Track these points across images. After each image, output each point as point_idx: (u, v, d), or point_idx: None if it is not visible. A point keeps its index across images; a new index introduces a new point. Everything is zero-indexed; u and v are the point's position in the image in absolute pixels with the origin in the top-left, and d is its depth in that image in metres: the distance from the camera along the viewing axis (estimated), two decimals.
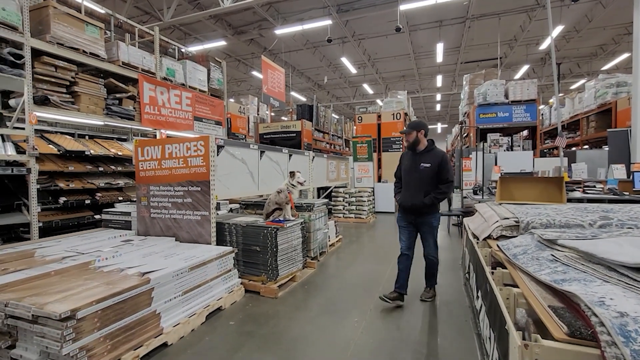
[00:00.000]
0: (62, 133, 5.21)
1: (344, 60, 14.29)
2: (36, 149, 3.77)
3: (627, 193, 4.53)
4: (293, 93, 18.38)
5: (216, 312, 2.97)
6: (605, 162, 6.20)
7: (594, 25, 11.71)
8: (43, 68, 3.84)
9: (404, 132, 3.31)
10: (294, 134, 9.63)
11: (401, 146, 11.69)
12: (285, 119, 16.50)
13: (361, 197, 8.20)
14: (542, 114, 11.63)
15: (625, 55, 13.67)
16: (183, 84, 5.86)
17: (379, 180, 10.96)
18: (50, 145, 4.32)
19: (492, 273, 2.00)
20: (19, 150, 3.72)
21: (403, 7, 9.43)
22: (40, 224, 3.83)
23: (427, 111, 29.24)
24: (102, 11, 5.43)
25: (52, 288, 2.11)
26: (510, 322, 1.37)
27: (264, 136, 10.08)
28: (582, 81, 16.16)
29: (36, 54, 3.78)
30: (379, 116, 12.16)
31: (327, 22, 10.34)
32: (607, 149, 6.58)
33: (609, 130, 6.58)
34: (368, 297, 3.39)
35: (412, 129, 3.21)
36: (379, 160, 11.81)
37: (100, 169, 4.70)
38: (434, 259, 3.28)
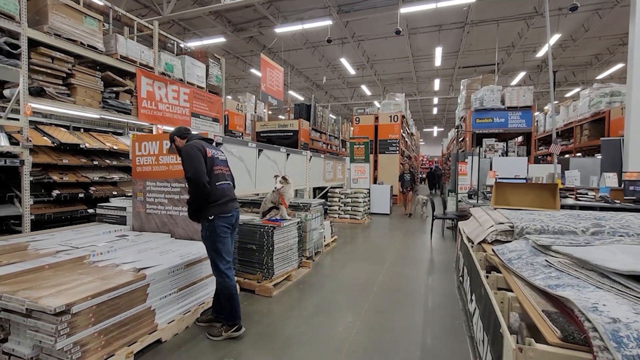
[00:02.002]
0: (56, 125, 5.14)
1: (343, 61, 14.32)
2: (30, 141, 3.72)
3: (618, 201, 4.62)
4: (291, 92, 18.36)
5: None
6: (597, 170, 6.30)
7: (590, 35, 11.90)
8: (39, 59, 3.79)
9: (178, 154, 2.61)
10: (291, 133, 9.62)
11: (397, 148, 11.77)
12: (283, 117, 16.48)
13: (357, 198, 8.22)
14: (537, 121, 11.77)
15: (619, 66, 13.90)
16: (181, 80, 5.83)
17: (375, 181, 11.01)
18: (45, 137, 4.27)
19: (487, 277, 2.03)
20: (13, 142, 3.67)
21: (403, 10, 9.47)
22: (32, 217, 3.78)
23: (424, 114, 29.41)
24: (101, 3, 5.37)
25: (46, 282, 2.09)
26: (504, 325, 1.40)
27: (261, 134, 10.06)
28: (576, 89, 16.41)
29: (33, 44, 3.74)
30: (377, 118, 12.22)
31: (328, 22, 10.35)
32: (600, 157, 6.68)
33: (602, 139, 6.68)
34: (362, 298, 3.40)
35: (170, 143, 2.68)
36: (375, 162, 11.86)
37: (95, 162, 4.65)
38: (219, 282, 2.51)
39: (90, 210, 4.48)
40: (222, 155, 2.69)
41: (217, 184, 2.50)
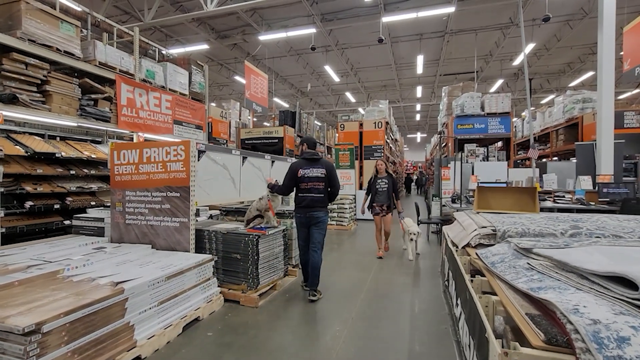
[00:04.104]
0: (30, 133, 4.94)
1: (327, 69, 14.44)
2: (1, 150, 3.55)
3: (593, 203, 4.80)
4: (276, 99, 18.35)
5: (194, 323, 2.87)
6: (573, 174, 6.53)
7: (562, 44, 12.47)
8: (12, 65, 3.64)
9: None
10: (276, 140, 9.56)
11: (382, 154, 11.88)
12: (268, 124, 16.42)
13: (343, 204, 8.23)
14: (515, 126, 12.18)
15: (590, 73, 14.60)
16: (163, 87, 5.72)
17: (361, 187, 11.05)
18: (17, 147, 4.08)
19: (472, 281, 2.05)
20: None
21: (385, 19, 9.67)
22: (3, 230, 3.60)
23: (408, 120, 29.95)
24: (79, 9, 5.25)
25: (15, 300, 1.97)
26: (489, 330, 1.40)
27: (246, 141, 9.96)
28: (551, 96, 17.10)
29: (5, 49, 3.59)
30: (361, 124, 12.33)
31: (311, 30, 10.45)
32: (575, 161, 6.95)
33: (576, 143, 6.96)
34: (350, 305, 3.38)
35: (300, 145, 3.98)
36: (361, 167, 11.93)
37: (72, 172, 4.47)
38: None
39: (67, 222, 4.30)
40: (315, 172, 3.62)
41: (299, 194, 3.64)
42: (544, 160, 9.56)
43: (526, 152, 10.20)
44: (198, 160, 3.51)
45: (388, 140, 13.29)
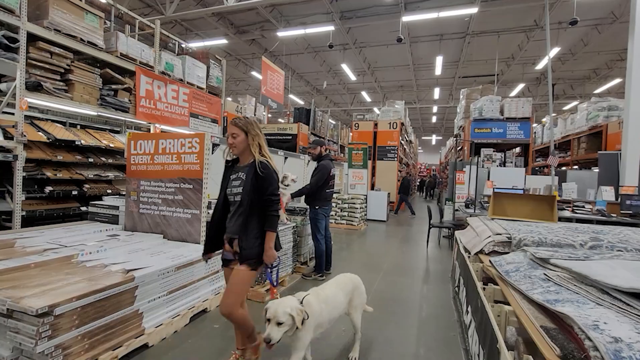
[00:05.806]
0: (52, 121, 5.08)
1: (344, 67, 14.36)
2: (25, 136, 3.66)
3: (615, 215, 4.61)
4: (291, 96, 18.38)
5: (201, 314, 2.90)
6: (594, 183, 6.30)
7: (589, 49, 12.02)
8: (38, 53, 3.74)
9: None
10: (290, 137, 9.59)
11: (396, 155, 11.77)
12: (282, 121, 16.49)
13: (354, 203, 8.18)
14: (535, 132, 11.84)
15: (617, 81, 14.03)
16: (181, 80, 5.79)
17: (372, 188, 10.98)
18: (40, 133, 4.21)
19: (484, 289, 1.99)
20: (7, 136, 3.61)
21: (405, 19, 9.53)
22: (24, 213, 3.71)
23: (423, 122, 29.55)
24: (103, 0, 5.35)
25: (30, 281, 2.03)
26: (502, 341, 1.35)
27: None
28: (574, 103, 16.55)
29: (32, 38, 3.70)
30: (376, 124, 12.24)
31: (330, 27, 10.40)
32: (597, 170, 6.70)
33: (599, 152, 6.70)
34: None
35: (316, 146, 4.31)
36: (374, 168, 11.85)
37: (90, 160, 4.59)
38: (315, 246, 4.22)
39: (84, 208, 4.41)
40: (335, 171, 4.35)
41: (326, 190, 4.15)
42: (564, 168, 9.26)
43: (545, 159, 9.91)
44: (212, 153, 3.54)
45: (402, 142, 13.15)
